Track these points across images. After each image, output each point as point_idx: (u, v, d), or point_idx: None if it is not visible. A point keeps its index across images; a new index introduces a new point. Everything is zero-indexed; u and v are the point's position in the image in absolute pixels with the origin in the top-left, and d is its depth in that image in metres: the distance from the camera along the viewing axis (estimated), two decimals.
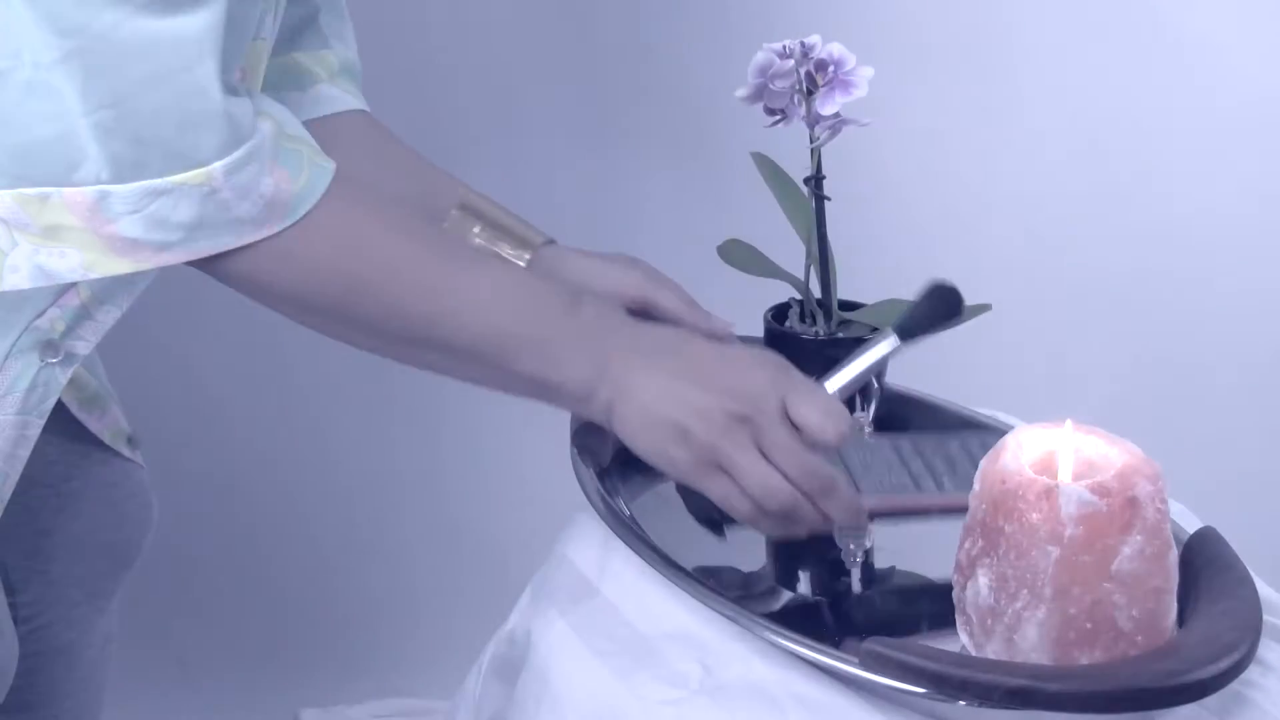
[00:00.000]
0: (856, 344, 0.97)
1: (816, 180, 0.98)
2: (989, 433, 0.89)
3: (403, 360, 0.84)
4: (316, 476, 1.91)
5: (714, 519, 0.86)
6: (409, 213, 0.84)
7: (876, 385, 0.98)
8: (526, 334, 0.80)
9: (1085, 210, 1.81)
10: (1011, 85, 1.78)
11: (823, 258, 0.98)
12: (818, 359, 0.97)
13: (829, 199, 0.98)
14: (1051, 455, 0.78)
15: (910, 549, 0.93)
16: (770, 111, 0.96)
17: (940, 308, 0.85)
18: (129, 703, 1.78)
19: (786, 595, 0.89)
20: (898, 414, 1.03)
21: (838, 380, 0.85)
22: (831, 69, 0.95)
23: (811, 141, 0.96)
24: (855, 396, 0.97)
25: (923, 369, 1.07)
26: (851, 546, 0.89)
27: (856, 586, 0.92)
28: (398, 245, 0.79)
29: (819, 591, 0.91)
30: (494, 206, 0.96)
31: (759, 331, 1.00)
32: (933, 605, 0.88)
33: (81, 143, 0.70)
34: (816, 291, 0.99)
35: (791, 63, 0.94)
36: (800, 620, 0.88)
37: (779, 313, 1.00)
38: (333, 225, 0.77)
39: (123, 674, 1.80)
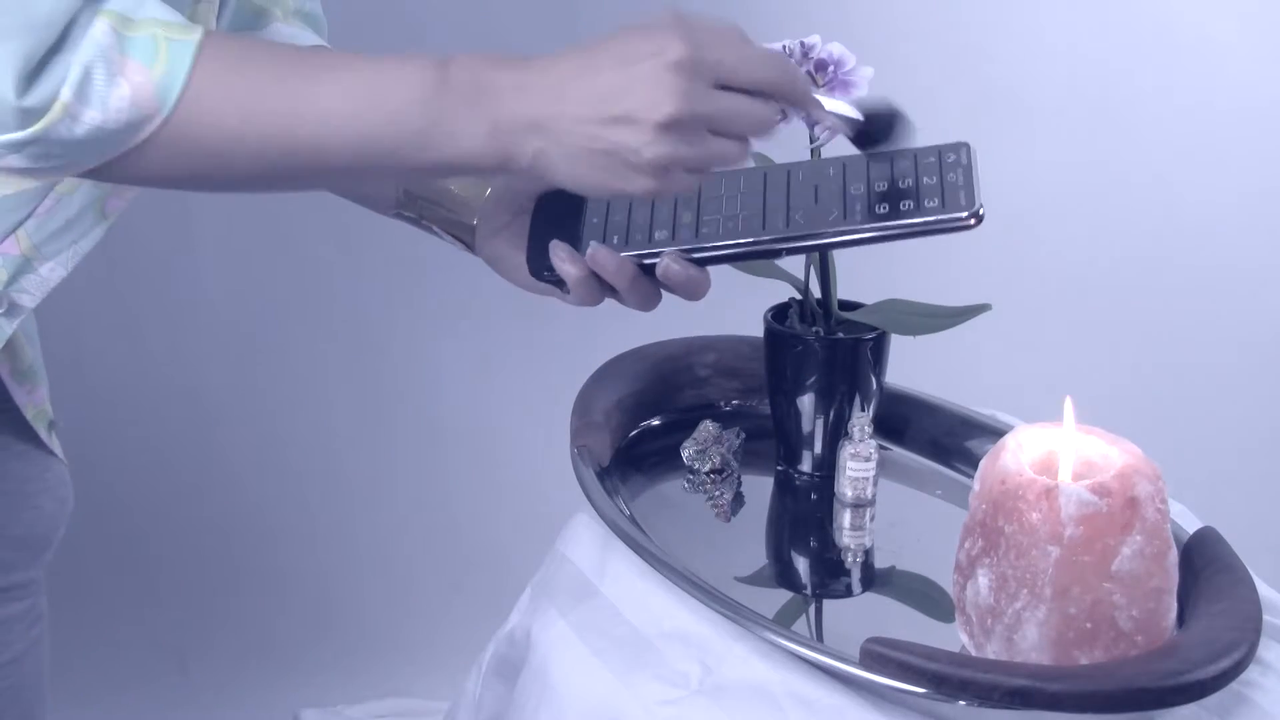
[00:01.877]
0: (856, 345, 0.97)
1: None
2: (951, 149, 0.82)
3: (308, 190, 0.81)
4: (317, 477, 1.91)
5: (554, 279, 0.84)
6: (269, 47, 0.79)
7: (876, 385, 0.98)
8: (403, 127, 0.75)
9: (1085, 210, 1.82)
10: (1011, 85, 1.78)
11: (823, 258, 0.98)
12: (818, 359, 0.97)
13: None
14: (1051, 455, 0.78)
15: (910, 549, 0.93)
16: None
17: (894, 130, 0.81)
18: (129, 703, 1.79)
19: (786, 595, 0.89)
20: (898, 414, 1.03)
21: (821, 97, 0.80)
22: (831, 69, 0.94)
23: (811, 141, 0.96)
24: (856, 397, 0.97)
25: (923, 369, 1.07)
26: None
27: (856, 587, 0.92)
28: (257, 91, 0.74)
29: (819, 591, 0.91)
30: None
31: (759, 331, 1.00)
32: (933, 605, 0.88)
33: None
34: (816, 291, 0.99)
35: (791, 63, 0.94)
36: (800, 620, 0.88)
37: (779, 313, 1.00)
38: (206, 102, 0.73)
39: (123, 674, 1.82)
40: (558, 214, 0.87)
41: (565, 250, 0.84)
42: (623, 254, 0.83)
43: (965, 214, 0.79)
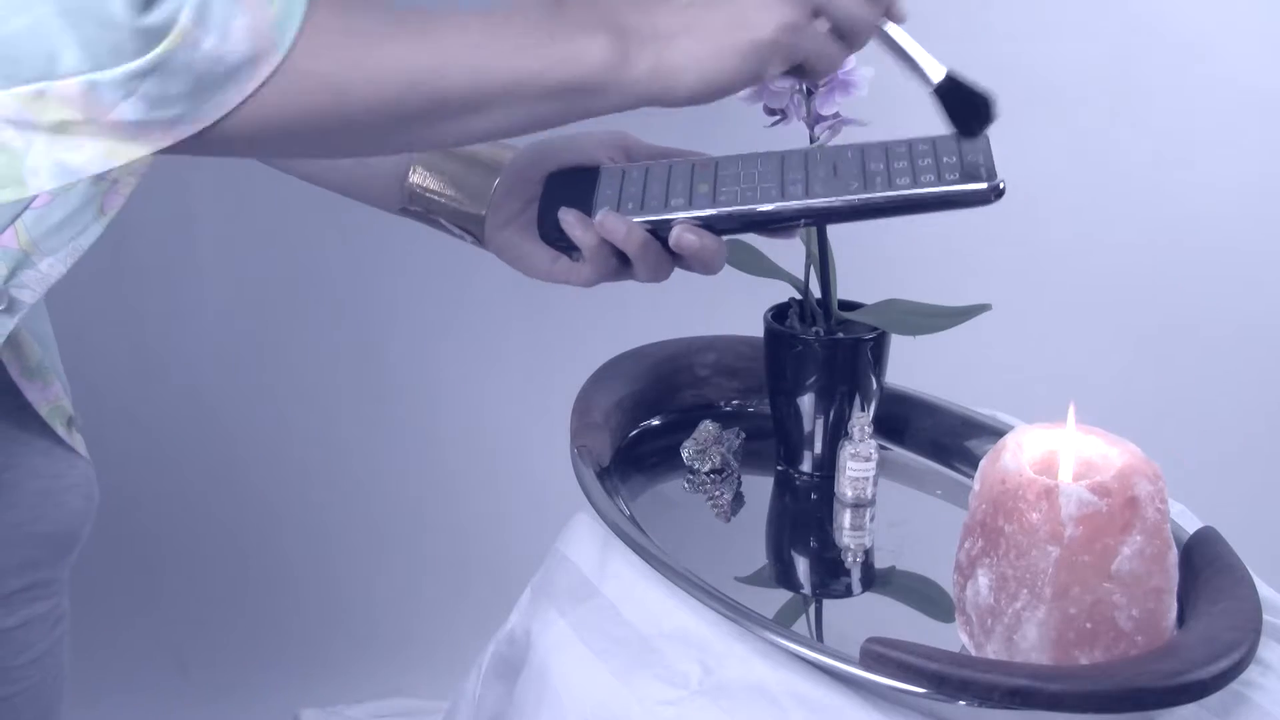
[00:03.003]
0: (856, 345, 0.97)
1: None
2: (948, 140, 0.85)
3: (428, 144, 0.79)
4: (317, 478, 1.91)
5: (565, 244, 0.85)
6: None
7: (876, 385, 0.98)
8: (523, 47, 0.74)
9: (1085, 210, 1.82)
10: (1010, 85, 1.78)
11: (822, 258, 0.98)
12: (818, 359, 0.97)
13: None
14: (1051, 455, 0.78)
15: (910, 549, 0.93)
16: (770, 111, 0.96)
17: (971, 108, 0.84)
18: (129, 703, 1.79)
19: (786, 595, 0.89)
20: (898, 414, 1.03)
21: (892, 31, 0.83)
22: None
23: (811, 141, 0.96)
24: (856, 397, 0.97)
25: (923, 369, 1.07)
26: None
27: (856, 586, 0.92)
28: (374, 30, 0.74)
29: (819, 591, 0.91)
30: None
31: (759, 331, 1.00)
32: (933, 605, 0.88)
33: (53, 31, 0.68)
34: (816, 291, 0.99)
35: None
36: (800, 620, 0.88)
37: (779, 313, 1.00)
38: (322, 40, 0.72)
39: (123, 674, 1.82)
40: (570, 187, 0.86)
41: (575, 215, 0.84)
42: (635, 219, 0.82)
43: (985, 186, 0.80)
